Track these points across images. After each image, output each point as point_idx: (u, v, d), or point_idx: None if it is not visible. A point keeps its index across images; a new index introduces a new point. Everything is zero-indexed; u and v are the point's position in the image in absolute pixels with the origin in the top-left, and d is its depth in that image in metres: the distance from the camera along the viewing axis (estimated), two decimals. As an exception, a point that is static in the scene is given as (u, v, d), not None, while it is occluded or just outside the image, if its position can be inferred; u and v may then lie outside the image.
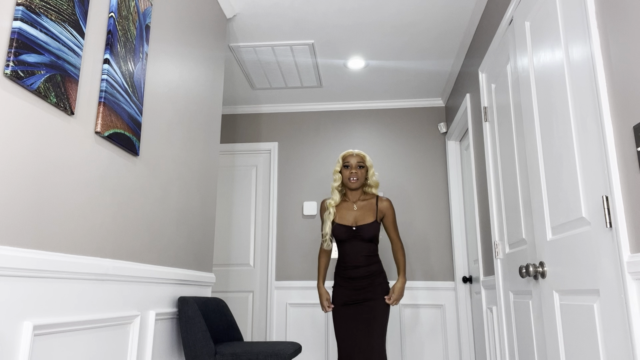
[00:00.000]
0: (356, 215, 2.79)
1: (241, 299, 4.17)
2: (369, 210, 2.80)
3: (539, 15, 1.93)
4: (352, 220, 2.78)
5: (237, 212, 4.34)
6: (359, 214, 2.80)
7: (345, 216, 2.81)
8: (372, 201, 2.83)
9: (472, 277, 3.70)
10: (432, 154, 4.26)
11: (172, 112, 2.24)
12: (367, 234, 2.72)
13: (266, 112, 4.54)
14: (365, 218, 2.77)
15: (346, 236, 2.75)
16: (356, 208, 2.82)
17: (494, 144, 2.69)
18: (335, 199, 2.83)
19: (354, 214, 2.80)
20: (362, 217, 2.78)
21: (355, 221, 2.78)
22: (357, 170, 2.80)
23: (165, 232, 2.14)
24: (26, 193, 1.29)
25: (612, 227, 1.39)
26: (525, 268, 1.93)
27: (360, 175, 2.81)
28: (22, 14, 1.28)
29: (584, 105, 1.55)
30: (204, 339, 2.09)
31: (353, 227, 2.75)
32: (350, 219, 2.79)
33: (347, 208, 2.84)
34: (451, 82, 3.96)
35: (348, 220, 2.79)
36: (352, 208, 2.82)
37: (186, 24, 2.43)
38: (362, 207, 2.82)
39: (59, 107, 1.42)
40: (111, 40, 1.69)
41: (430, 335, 3.91)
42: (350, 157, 2.83)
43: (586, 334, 1.56)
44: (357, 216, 2.79)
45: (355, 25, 3.20)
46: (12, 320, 1.22)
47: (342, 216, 2.81)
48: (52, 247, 1.39)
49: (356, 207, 2.82)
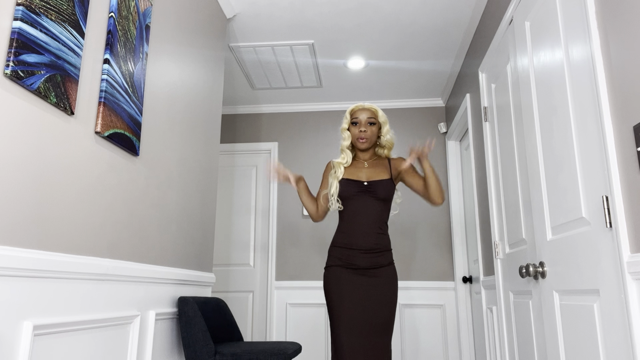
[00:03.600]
0: (368, 172, 2.37)
1: (241, 299, 4.17)
2: (382, 167, 2.39)
3: (539, 15, 1.93)
4: (364, 176, 2.35)
5: (237, 212, 4.34)
6: (370, 170, 2.38)
7: (354, 172, 2.37)
8: (385, 161, 2.43)
9: (472, 277, 3.70)
10: (432, 154, 4.26)
11: (172, 112, 2.24)
12: (382, 191, 2.28)
13: (266, 112, 4.54)
14: (379, 174, 2.35)
15: (356, 191, 2.29)
16: (367, 165, 2.40)
17: (494, 144, 2.69)
18: (347, 159, 2.40)
19: (365, 171, 2.37)
20: (375, 173, 2.36)
21: (367, 177, 2.35)
22: (367, 127, 2.35)
23: (165, 232, 2.14)
24: (26, 193, 1.29)
25: (612, 227, 1.39)
26: (525, 268, 1.93)
27: (371, 134, 2.36)
28: (22, 14, 1.28)
29: (584, 105, 1.55)
30: (204, 339, 2.09)
31: (364, 182, 2.31)
32: (361, 175, 2.36)
33: (355, 166, 2.41)
34: (451, 82, 3.96)
35: (358, 177, 2.35)
36: (363, 166, 2.40)
37: (186, 24, 2.43)
38: (373, 164, 2.40)
39: (59, 107, 1.42)
40: (111, 40, 1.69)
41: (431, 336, 3.91)
42: (360, 112, 2.38)
43: (586, 334, 1.56)
44: (368, 172, 2.36)
45: (355, 25, 3.20)
46: (12, 320, 1.22)
47: (351, 172, 2.37)
48: (52, 247, 1.39)
49: (367, 165, 2.40)
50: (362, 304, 2.15)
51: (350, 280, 2.19)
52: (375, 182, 2.30)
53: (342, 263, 2.23)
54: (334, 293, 2.19)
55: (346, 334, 2.09)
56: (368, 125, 2.36)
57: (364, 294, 2.16)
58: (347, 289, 2.17)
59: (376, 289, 2.18)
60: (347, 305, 2.14)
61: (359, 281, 2.18)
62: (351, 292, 2.17)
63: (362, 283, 2.18)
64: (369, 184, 2.29)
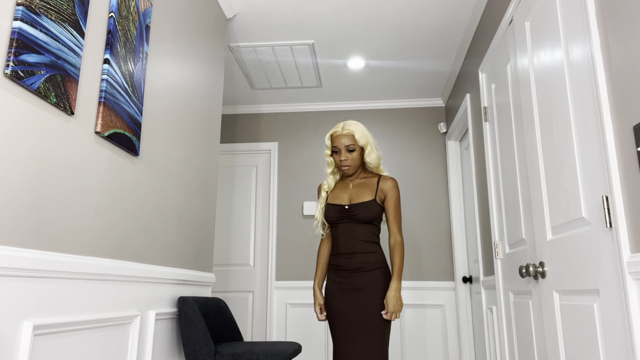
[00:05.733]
0: (351, 193, 2.34)
1: (241, 299, 4.17)
2: (367, 188, 2.33)
3: (539, 15, 1.93)
4: (346, 199, 2.33)
5: (237, 212, 4.34)
6: (354, 191, 2.34)
7: (339, 195, 2.36)
8: (373, 179, 2.36)
9: (472, 277, 3.70)
10: (432, 154, 4.26)
11: (172, 112, 2.24)
12: (362, 214, 2.25)
13: (266, 112, 4.54)
14: (361, 196, 2.30)
15: (337, 216, 2.29)
16: (351, 186, 2.36)
17: (494, 144, 2.69)
18: (330, 184, 2.40)
19: (349, 192, 2.35)
20: (358, 195, 2.31)
21: (349, 200, 2.32)
22: (347, 155, 2.30)
23: (165, 232, 2.14)
24: (26, 193, 1.29)
25: (612, 227, 1.39)
26: (525, 268, 1.93)
27: (352, 160, 2.30)
28: (22, 14, 1.28)
29: (584, 105, 1.55)
30: (204, 339, 2.09)
31: (345, 205, 2.29)
32: (344, 197, 2.34)
33: (342, 187, 2.39)
34: (451, 82, 3.96)
35: (342, 200, 2.34)
36: (348, 187, 2.37)
37: (186, 24, 2.43)
38: (359, 185, 2.36)
39: (59, 107, 1.42)
40: (111, 40, 1.69)
41: (430, 335, 3.91)
42: (338, 139, 2.31)
43: (586, 334, 1.56)
44: (352, 194, 2.33)
45: (355, 25, 3.20)
46: (12, 320, 1.22)
47: (336, 196, 2.36)
48: (52, 247, 1.39)
49: (352, 186, 2.37)
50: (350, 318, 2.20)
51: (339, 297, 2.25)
52: (356, 205, 2.27)
53: (333, 284, 2.29)
54: (329, 306, 2.29)
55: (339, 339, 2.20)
56: (347, 153, 2.30)
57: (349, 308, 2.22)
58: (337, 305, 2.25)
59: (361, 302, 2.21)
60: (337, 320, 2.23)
61: (345, 297, 2.23)
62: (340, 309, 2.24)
63: (348, 300, 2.23)
64: (349, 207, 2.28)
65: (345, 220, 2.28)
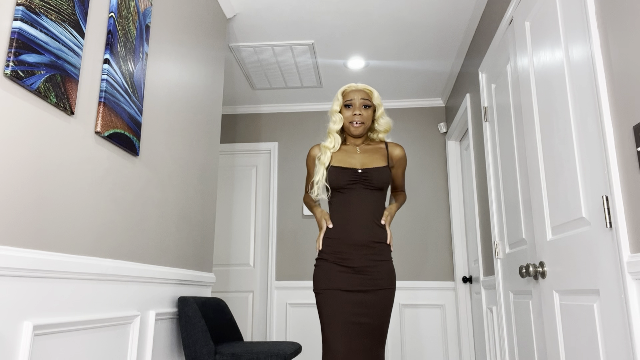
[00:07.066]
0: (362, 158, 2.12)
1: (241, 299, 4.17)
2: (378, 153, 2.15)
3: (539, 15, 1.93)
4: (357, 163, 2.09)
5: (237, 212, 4.34)
6: (365, 156, 2.13)
7: (345, 159, 2.11)
8: (381, 145, 2.19)
9: (472, 277, 3.70)
10: (432, 154, 4.26)
11: (172, 112, 2.24)
12: (377, 180, 2.04)
13: (266, 112, 4.54)
14: (373, 161, 2.10)
15: (348, 181, 2.03)
16: (360, 151, 2.15)
17: (494, 144, 2.69)
18: (336, 143, 2.14)
19: (359, 157, 2.12)
20: (371, 160, 2.11)
21: (361, 164, 2.09)
22: (362, 110, 2.12)
23: (165, 232, 2.14)
24: (26, 193, 1.29)
25: (612, 227, 1.39)
26: (525, 268, 1.93)
27: (366, 117, 2.12)
28: (22, 14, 1.28)
29: (584, 105, 1.55)
30: (204, 339, 2.09)
31: (359, 169, 2.05)
32: (354, 162, 2.10)
33: (348, 151, 2.15)
34: (451, 82, 3.96)
35: (351, 164, 2.09)
36: (355, 151, 2.14)
37: (186, 24, 2.43)
38: (368, 150, 2.16)
39: (59, 107, 1.42)
40: (111, 40, 1.69)
41: (430, 335, 3.91)
42: (353, 93, 2.14)
43: (586, 334, 1.56)
44: (363, 159, 2.11)
45: (355, 25, 3.20)
46: (12, 320, 1.22)
47: (342, 159, 2.11)
48: (52, 247, 1.39)
49: (360, 150, 2.15)
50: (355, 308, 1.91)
51: (342, 279, 1.94)
52: (370, 170, 2.04)
53: (333, 259, 1.98)
54: (324, 292, 1.95)
55: (337, 337, 1.86)
56: (363, 108, 2.12)
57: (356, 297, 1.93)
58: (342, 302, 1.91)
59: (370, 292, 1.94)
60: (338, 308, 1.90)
61: (351, 281, 1.93)
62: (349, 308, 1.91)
63: (355, 283, 1.93)
64: (363, 171, 2.04)
65: (356, 185, 2.03)
